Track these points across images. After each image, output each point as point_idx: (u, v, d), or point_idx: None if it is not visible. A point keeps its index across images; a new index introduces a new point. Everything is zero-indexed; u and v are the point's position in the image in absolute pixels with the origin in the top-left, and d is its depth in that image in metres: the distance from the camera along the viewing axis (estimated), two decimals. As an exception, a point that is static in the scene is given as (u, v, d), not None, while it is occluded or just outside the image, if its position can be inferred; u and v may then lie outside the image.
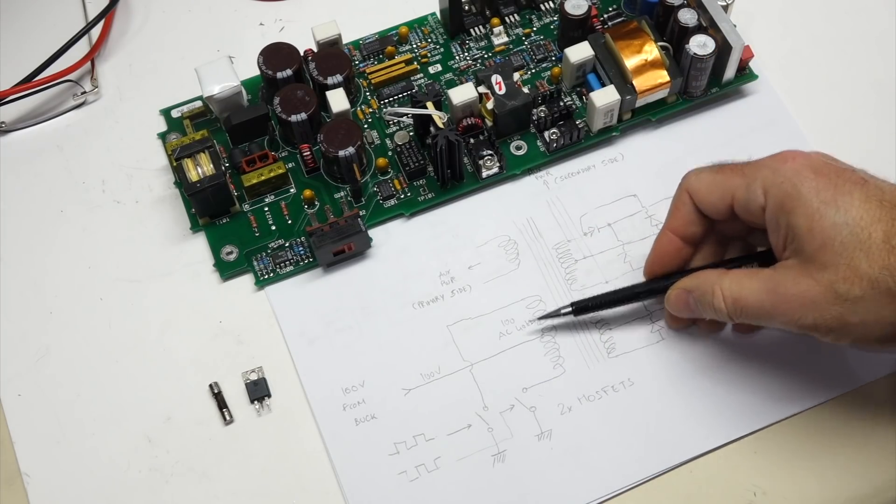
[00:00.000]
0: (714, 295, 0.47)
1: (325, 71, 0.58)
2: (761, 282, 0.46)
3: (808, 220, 0.44)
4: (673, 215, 0.51)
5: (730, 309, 0.47)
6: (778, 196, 0.45)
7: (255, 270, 0.56)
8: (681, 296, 0.50)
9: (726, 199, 0.48)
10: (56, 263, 0.57)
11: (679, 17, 0.58)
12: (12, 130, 0.62)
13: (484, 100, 0.58)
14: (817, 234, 0.44)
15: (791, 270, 0.45)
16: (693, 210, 0.50)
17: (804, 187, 0.45)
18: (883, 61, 0.63)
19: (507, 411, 0.53)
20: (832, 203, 0.44)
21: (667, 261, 0.52)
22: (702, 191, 0.49)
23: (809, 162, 0.45)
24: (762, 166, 0.47)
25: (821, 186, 0.44)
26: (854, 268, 0.43)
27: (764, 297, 0.45)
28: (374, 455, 0.52)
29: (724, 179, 0.48)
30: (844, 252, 0.43)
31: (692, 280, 0.50)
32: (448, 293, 0.56)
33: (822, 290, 0.44)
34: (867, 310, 0.43)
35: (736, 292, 0.47)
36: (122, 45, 0.65)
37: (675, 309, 0.51)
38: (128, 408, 0.53)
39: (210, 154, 0.56)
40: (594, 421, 0.52)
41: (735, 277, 0.47)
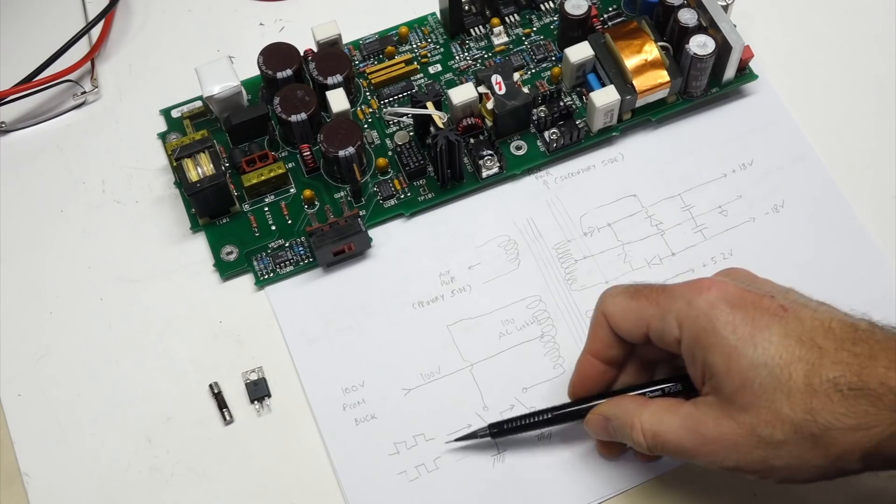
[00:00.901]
0: (633, 428, 0.45)
1: (325, 71, 0.58)
2: (682, 419, 0.43)
3: (725, 358, 0.41)
4: (591, 338, 0.48)
5: (649, 444, 0.44)
6: (693, 330, 0.43)
7: (255, 270, 0.56)
8: (599, 422, 0.47)
9: (641, 327, 0.45)
10: (56, 263, 0.57)
11: (679, 17, 0.58)
12: (12, 130, 0.62)
13: (484, 100, 0.58)
14: (735, 374, 0.41)
15: (711, 409, 0.42)
16: (610, 333, 0.47)
17: (719, 322, 0.42)
18: (883, 61, 0.63)
19: (508, 411, 0.53)
20: (749, 341, 0.41)
21: (589, 384, 0.49)
22: (617, 315, 0.46)
23: (725, 293, 0.42)
24: (677, 296, 0.44)
25: (738, 321, 0.41)
26: (775, 411, 0.40)
27: (684, 436, 0.43)
28: (374, 455, 0.52)
29: (638, 307, 0.45)
30: (764, 394, 0.41)
31: (612, 407, 0.47)
32: (448, 293, 0.56)
33: (744, 434, 0.41)
34: (791, 454, 0.41)
35: (655, 427, 0.44)
36: (122, 45, 0.65)
37: (594, 433, 0.48)
38: (128, 408, 0.53)
39: (210, 154, 0.56)
40: (594, 421, 0.52)
41: (655, 412, 0.44)
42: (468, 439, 0.51)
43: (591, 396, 0.49)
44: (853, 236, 0.57)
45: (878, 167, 0.59)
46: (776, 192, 0.58)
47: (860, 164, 0.59)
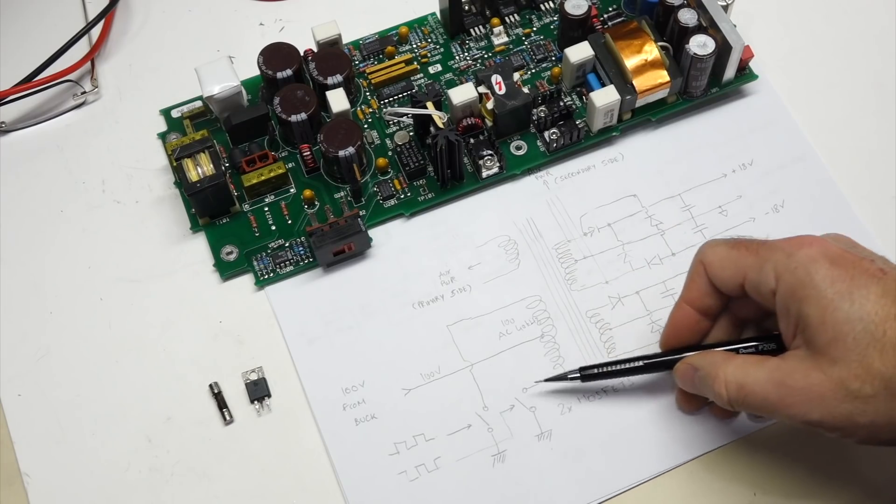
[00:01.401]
0: (716, 379, 0.45)
1: (325, 71, 0.58)
2: (768, 372, 0.43)
3: (820, 311, 0.42)
4: (688, 286, 0.48)
5: (732, 396, 0.45)
6: (790, 282, 0.43)
7: (255, 270, 0.56)
8: (687, 371, 0.48)
9: (738, 277, 0.46)
10: (56, 263, 0.57)
11: (679, 17, 0.58)
12: (12, 130, 0.62)
13: (484, 100, 0.58)
14: (830, 326, 0.41)
15: (800, 362, 0.43)
16: (707, 282, 0.47)
17: (818, 276, 0.42)
18: (883, 61, 0.63)
19: (507, 411, 0.53)
20: (847, 295, 0.41)
21: (683, 333, 0.49)
22: (715, 264, 0.47)
23: (826, 249, 0.43)
24: (777, 248, 0.44)
25: (836, 277, 0.42)
26: (867, 365, 0.41)
27: (770, 389, 0.43)
28: (374, 455, 0.52)
29: (737, 256, 0.46)
30: (857, 348, 0.41)
31: (700, 358, 0.47)
32: (448, 293, 0.56)
33: (833, 386, 0.41)
34: (877, 410, 0.41)
35: (741, 379, 0.44)
36: (122, 45, 0.65)
37: (681, 383, 0.49)
38: (128, 408, 0.53)
39: (210, 154, 0.56)
40: (594, 421, 0.52)
41: (741, 364, 0.45)
42: (558, 380, 0.52)
43: (682, 348, 0.49)
44: (853, 236, 0.56)
45: (878, 167, 0.59)
46: (776, 192, 0.58)
47: (860, 164, 0.59)
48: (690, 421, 0.52)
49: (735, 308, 0.49)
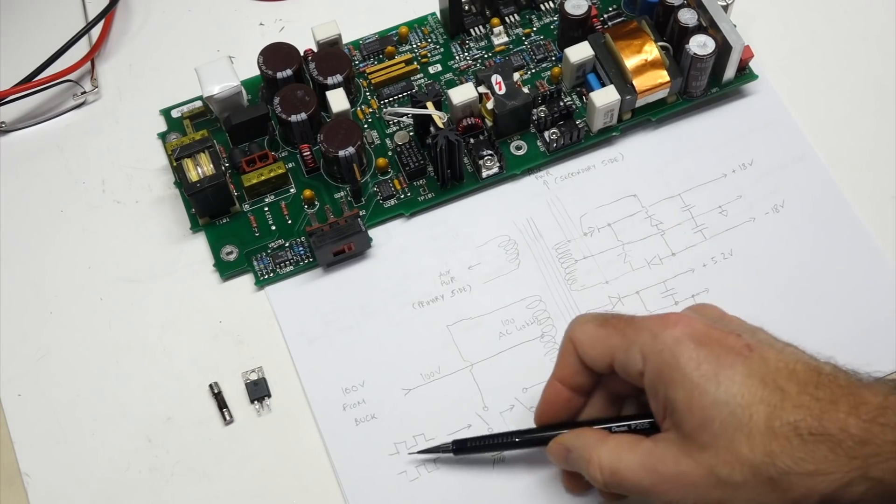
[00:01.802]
0: (590, 462, 0.44)
1: (325, 71, 0.58)
2: (640, 457, 0.43)
3: (687, 395, 0.41)
4: (559, 364, 0.47)
5: (607, 481, 0.44)
6: (657, 364, 0.42)
7: (255, 270, 0.56)
8: (560, 451, 0.47)
9: (607, 357, 0.45)
10: (56, 263, 0.57)
11: (679, 17, 0.58)
12: (12, 130, 0.62)
13: (484, 100, 0.58)
14: (696, 411, 0.41)
15: (670, 447, 0.42)
16: (577, 360, 0.46)
17: (683, 358, 0.41)
18: (883, 61, 0.63)
19: (507, 411, 0.53)
20: (713, 378, 0.40)
21: (555, 410, 0.48)
22: (584, 343, 0.46)
23: (692, 329, 0.42)
24: (643, 329, 0.43)
25: (702, 358, 0.41)
26: (735, 451, 0.40)
27: (642, 475, 0.42)
28: (374, 455, 0.52)
29: (605, 336, 0.45)
30: (724, 434, 0.40)
31: (573, 438, 0.46)
32: (448, 293, 0.56)
33: (703, 473, 0.40)
34: (749, 496, 0.40)
35: (614, 464, 0.43)
36: (122, 45, 0.65)
37: (556, 462, 0.48)
38: (128, 408, 0.53)
39: (210, 154, 0.56)
40: (594, 421, 0.52)
41: (614, 448, 0.44)
42: (430, 453, 0.51)
43: (557, 424, 0.48)
44: (853, 236, 0.57)
45: (878, 167, 0.59)
46: (776, 192, 0.58)
47: (860, 164, 0.59)
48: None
49: (609, 384, 0.48)
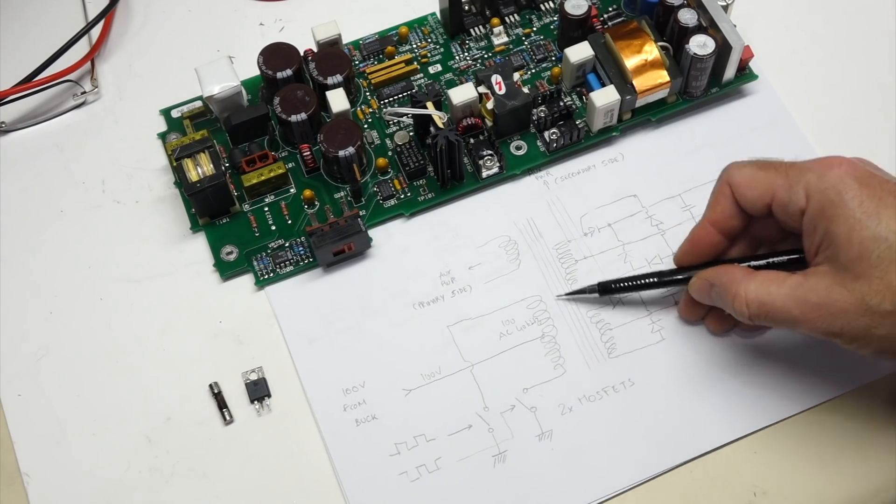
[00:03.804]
0: (736, 297, 0.47)
1: (325, 71, 0.58)
2: (790, 289, 0.46)
3: (848, 229, 0.44)
4: (712, 207, 0.50)
5: (753, 312, 0.47)
6: (820, 201, 0.45)
7: (255, 270, 0.56)
8: (703, 286, 0.50)
9: (766, 196, 0.48)
10: (56, 263, 0.57)
11: (679, 17, 0.58)
12: (12, 130, 0.62)
13: (484, 100, 0.58)
14: (856, 244, 0.44)
15: (823, 278, 0.45)
16: (733, 203, 0.49)
17: (848, 196, 0.44)
18: (883, 61, 0.63)
19: (508, 411, 0.53)
20: (874, 215, 0.44)
21: (700, 251, 0.51)
22: (743, 185, 0.48)
23: (854, 171, 0.45)
24: (807, 170, 0.46)
25: (864, 197, 0.44)
26: (888, 282, 0.43)
27: (791, 304, 0.45)
28: (374, 455, 0.52)
29: (766, 176, 0.48)
30: (880, 265, 0.43)
31: (718, 274, 0.49)
32: (448, 293, 0.56)
33: (854, 301, 0.44)
34: (894, 324, 0.43)
35: (762, 297, 0.46)
36: (122, 45, 0.65)
37: (697, 295, 0.51)
38: (128, 408, 0.53)
39: (210, 154, 0.56)
40: (594, 421, 0.52)
41: (762, 282, 0.47)
42: (578, 294, 0.55)
43: (697, 265, 0.51)
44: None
45: (878, 167, 0.59)
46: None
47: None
48: (690, 421, 0.52)
49: (753, 229, 0.51)
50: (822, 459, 0.51)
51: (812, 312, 0.45)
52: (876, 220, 0.44)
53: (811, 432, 0.52)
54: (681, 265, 0.53)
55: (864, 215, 0.44)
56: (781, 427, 0.52)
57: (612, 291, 0.54)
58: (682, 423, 0.52)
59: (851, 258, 0.44)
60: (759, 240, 0.51)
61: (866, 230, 0.44)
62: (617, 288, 0.54)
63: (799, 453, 0.51)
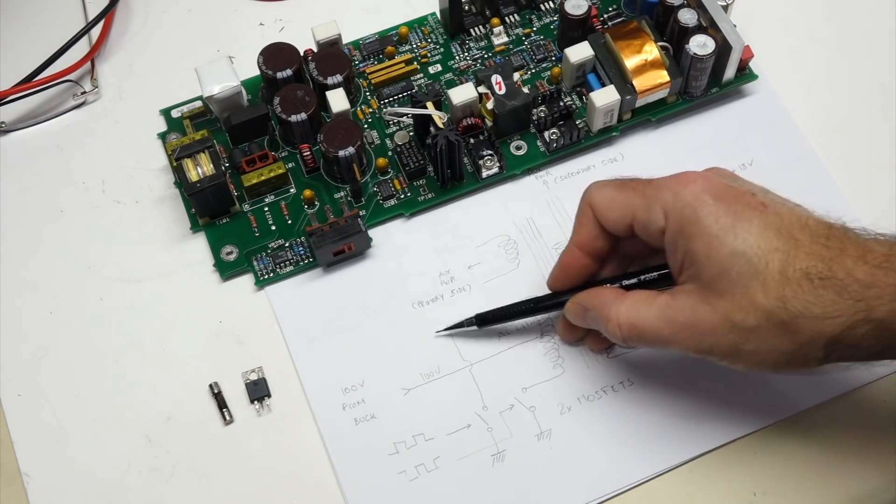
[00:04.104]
0: (609, 320, 0.47)
1: (325, 71, 0.58)
2: (658, 309, 0.45)
3: (706, 246, 0.43)
4: (577, 230, 0.50)
5: (625, 335, 0.46)
6: (678, 220, 0.44)
7: (255, 270, 0.56)
8: (578, 310, 0.50)
9: (627, 217, 0.47)
10: (56, 263, 0.57)
11: (679, 17, 0.58)
12: (12, 130, 0.62)
13: (484, 100, 0.58)
14: (715, 261, 0.43)
15: (689, 297, 0.44)
16: (596, 224, 0.49)
17: (703, 212, 0.44)
18: (883, 61, 0.63)
19: (507, 411, 0.53)
20: (731, 230, 0.43)
21: (571, 274, 0.51)
22: (603, 206, 0.48)
23: (710, 186, 0.44)
24: (663, 188, 0.46)
25: (720, 213, 0.43)
26: (750, 298, 0.42)
27: (660, 325, 0.45)
28: (373, 455, 0.52)
29: (625, 197, 0.47)
30: (741, 281, 0.42)
31: (590, 297, 0.49)
32: (448, 293, 0.56)
33: (719, 319, 0.43)
34: (760, 340, 0.43)
35: (633, 319, 0.46)
36: (122, 45, 0.65)
37: (573, 319, 0.50)
38: (128, 408, 0.53)
39: (210, 154, 0.56)
40: (594, 421, 0.52)
41: (632, 304, 0.46)
42: (455, 328, 0.54)
43: (571, 289, 0.51)
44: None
45: (878, 167, 0.59)
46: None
47: (860, 164, 0.59)
48: (690, 420, 0.52)
49: (623, 247, 0.50)
50: (822, 459, 0.51)
51: (681, 332, 0.44)
52: (733, 236, 0.43)
53: (811, 432, 0.52)
54: (555, 290, 0.52)
55: (720, 231, 0.43)
56: (781, 427, 0.52)
57: (490, 322, 0.53)
58: (682, 423, 0.52)
59: (713, 276, 0.43)
60: (631, 257, 0.51)
61: (724, 247, 0.43)
62: (494, 318, 0.53)
63: (799, 453, 0.51)
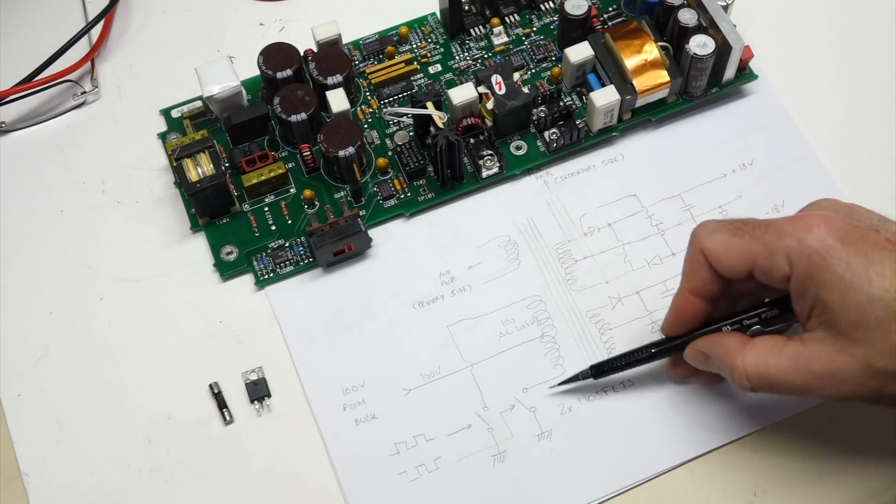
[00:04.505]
0: (734, 370, 0.45)
1: (325, 71, 0.58)
2: (789, 358, 0.44)
3: (840, 295, 0.42)
4: (690, 276, 0.48)
5: (755, 385, 0.45)
6: (806, 267, 0.43)
7: (255, 270, 0.56)
8: (699, 357, 0.48)
9: (745, 264, 0.45)
10: (56, 263, 0.57)
11: (679, 17, 0.58)
12: (12, 130, 0.62)
13: (484, 100, 0.58)
14: (852, 309, 0.42)
15: (823, 345, 0.43)
16: (710, 271, 0.47)
17: (833, 260, 0.42)
18: (883, 61, 0.63)
19: (508, 411, 0.53)
20: (864, 276, 0.42)
21: (687, 319, 0.49)
22: (718, 253, 0.46)
23: (833, 230, 0.43)
24: (785, 234, 0.44)
25: (851, 258, 0.42)
26: (892, 343, 0.41)
27: (794, 375, 0.44)
28: (374, 455, 0.52)
29: (741, 244, 0.45)
30: (880, 328, 0.41)
31: (712, 346, 0.48)
32: (448, 293, 0.56)
33: (860, 366, 0.42)
34: None
35: (762, 370, 0.45)
36: (122, 45, 0.65)
37: (694, 364, 0.49)
38: (128, 408, 0.53)
39: (210, 154, 0.56)
40: (594, 421, 0.52)
41: (759, 353, 0.45)
42: (571, 382, 0.52)
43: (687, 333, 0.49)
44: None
45: (878, 167, 0.59)
46: (776, 192, 0.58)
47: (860, 164, 0.59)
48: (690, 420, 0.52)
49: (733, 285, 0.48)
50: (822, 459, 0.51)
51: (817, 381, 0.43)
52: (867, 282, 0.42)
53: (811, 432, 0.52)
54: (670, 336, 0.50)
55: (854, 278, 0.42)
56: (781, 427, 0.52)
57: (607, 373, 0.52)
58: (682, 423, 0.52)
59: (849, 324, 0.42)
60: (741, 292, 0.49)
61: (860, 293, 0.42)
62: (611, 368, 0.51)
63: (799, 453, 0.51)
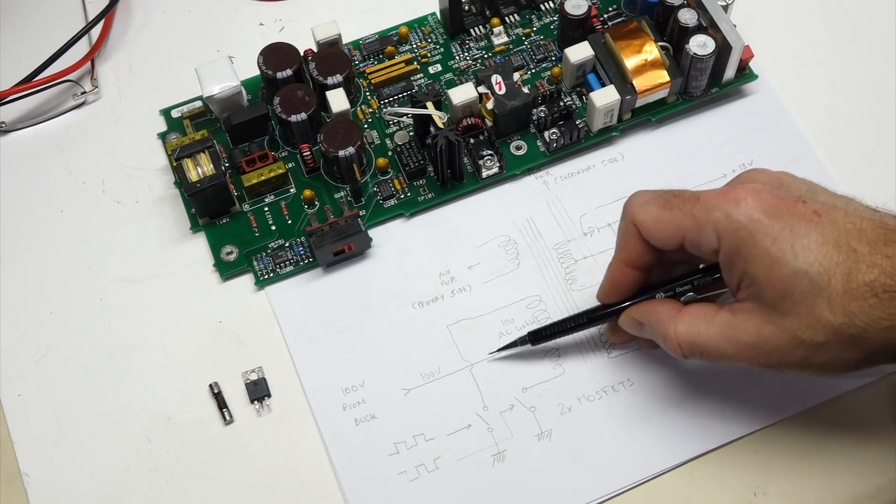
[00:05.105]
0: (667, 337, 0.46)
1: (325, 71, 0.58)
2: (720, 328, 0.45)
3: (767, 269, 0.43)
4: (623, 248, 0.49)
5: (686, 352, 0.46)
6: (733, 242, 0.44)
7: (255, 270, 0.56)
8: (633, 324, 0.49)
9: (676, 237, 0.46)
10: (56, 263, 0.57)
11: (679, 17, 0.58)
12: (12, 130, 0.62)
13: (484, 100, 0.58)
14: (777, 283, 0.42)
15: (751, 316, 0.44)
16: (642, 242, 0.47)
17: (759, 235, 0.43)
18: (883, 61, 0.63)
19: (507, 411, 0.53)
20: (790, 250, 0.42)
21: (621, 287, 0.50)
22: (649, 225, 0.47)
23: (761, 203, 0.43)
24: (713, 208, 0.44)
25: (777, 232, 0.43)
26: (816, 316, 0.42)
27: (724, 344, 0.45)
28: (374, 455, 0.52)
29: (672, 217, 0.46)
30: (805, 301, 0.42)
31: (646, 314, 0.48)
32: (448, 293, 0.56)
33: (786, 338, 0.43)
34: (830, 353, 0.43)
35: (693, 338, 0.46)
36: (122, 45, 0.65)
37: (629, 331, 0.50)
38: (128, 408, 0.53)
39: (210, 154, 0.56)
40: (594, 421, 0.52)
41: (690, 321, 0.46)
42: (509, 348, 0.53)
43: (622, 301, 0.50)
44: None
45: (878, 167, 0.59)
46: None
47: (860, 164, 0.59)
48: (690, 420, 0.52)
49: (666, 254, 0.49)
50: (822, 459, 0.51)
51: (746, 351, 0.44)
52: (793, 255, 0.42)
53: (811, 432, 0.52)
54: (605, 303, 0.51)
55: (779, 252, 0.42)
56: (781, 427, 0.52)
57: (544, 339, 0.53)
58: (682, 423, 0.52)
59: (776, 297, 0.43)
60: (676, 261, 0.50)
61: (786, 267, 0.42)
62: (548, 334, 0.52)
63: (799, 453, 0.51)
